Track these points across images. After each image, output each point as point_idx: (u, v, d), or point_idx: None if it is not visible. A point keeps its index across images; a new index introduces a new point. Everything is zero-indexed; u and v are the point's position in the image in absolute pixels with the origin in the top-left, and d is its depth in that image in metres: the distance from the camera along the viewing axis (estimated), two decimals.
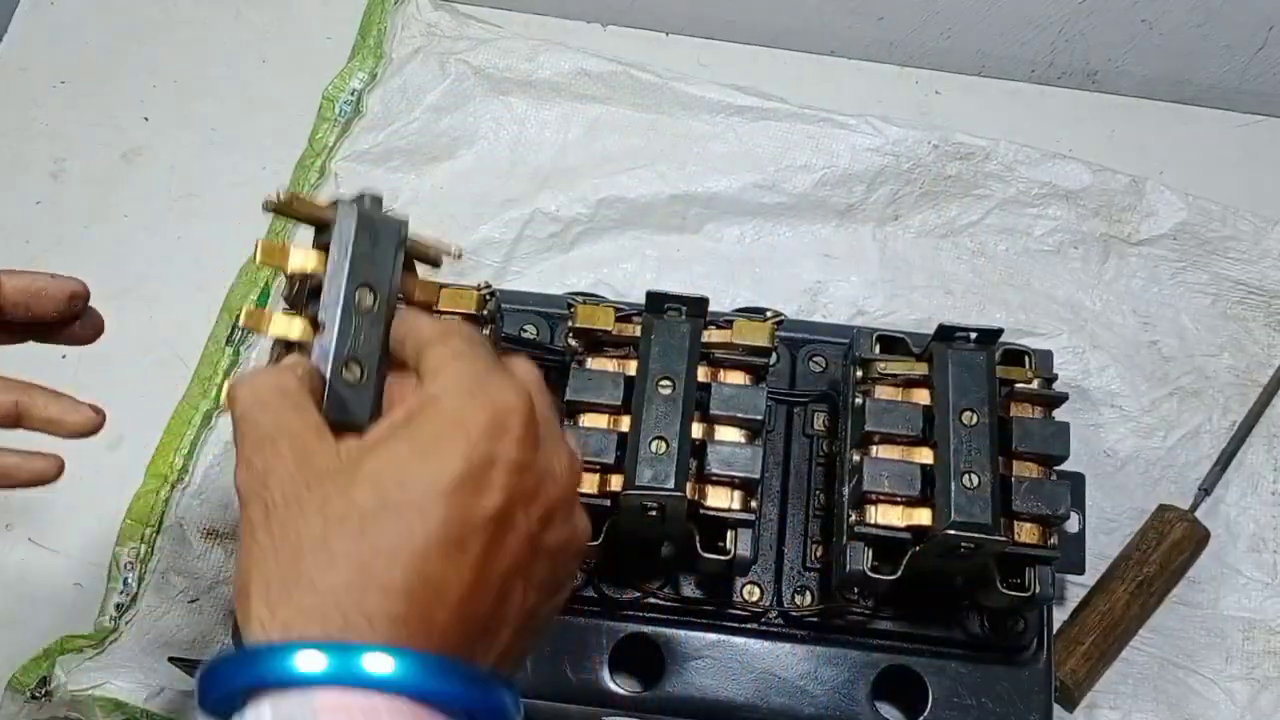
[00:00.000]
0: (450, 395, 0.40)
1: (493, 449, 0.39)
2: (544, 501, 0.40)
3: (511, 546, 0.39)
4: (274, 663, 0.35)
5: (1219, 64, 0.90)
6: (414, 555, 0.37)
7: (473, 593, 0.38)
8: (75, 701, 0.70)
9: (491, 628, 0.39)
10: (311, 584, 0.36)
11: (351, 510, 0.37)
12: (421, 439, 0.39)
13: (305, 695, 0.34)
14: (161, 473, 0.77)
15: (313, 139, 0.87)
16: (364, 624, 0.36)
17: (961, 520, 0.58)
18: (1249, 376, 0.82)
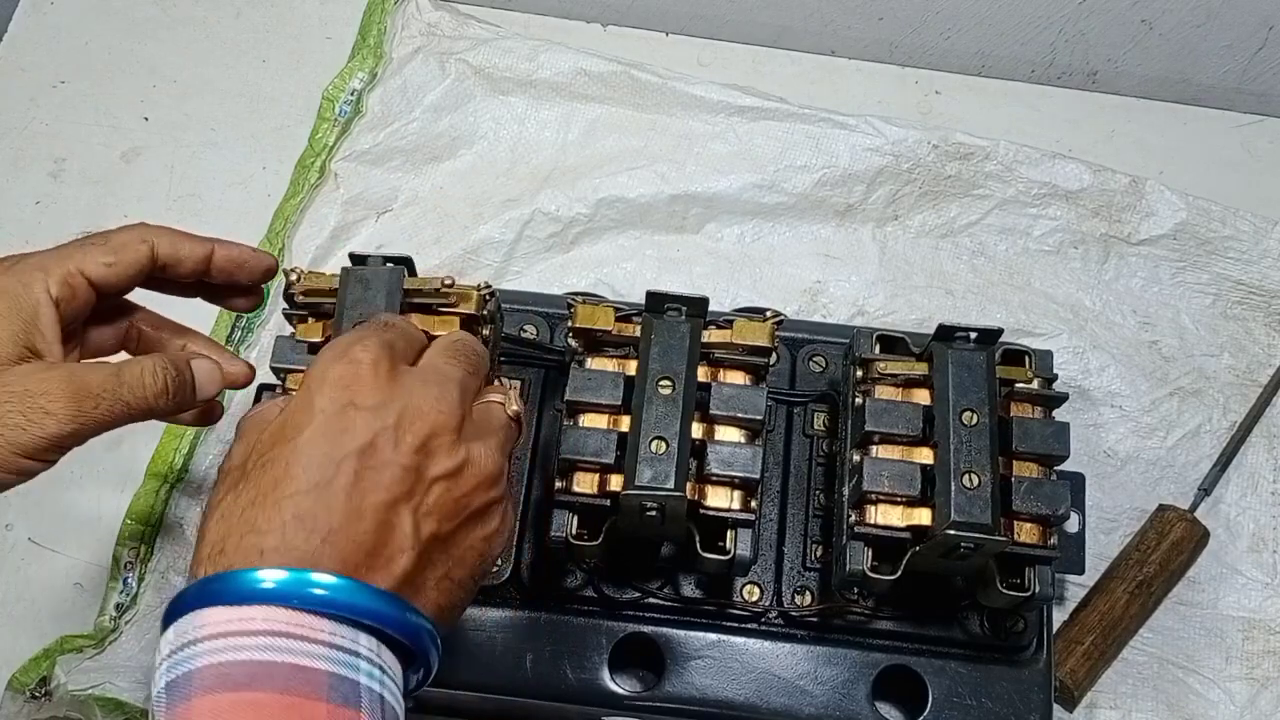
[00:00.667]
0: (313, 367, 0.48)
1: (346, 396, 0.46)
2: (413, 433, 0.46)
3: (383, 479, 0.45)
4: (175, 600, 0.42)
5: (1219, 64, 0.90)
6: (280, 497, 0.43)
7: (343, 524, 0.43)
8: (75, 701, 0.70)
9: (378, 555, 0.44)
10: (204, 538, 0.44)
11: (239, 477, 0.45)
12: (291, 406, 0.47)
13: (194, 614, 0.41)
14: (161, 473, 0.77)
15: (313, 139, 0.87)
16: (241, 559, 0.42)
17: (961, 520, 0.58)
18: (1249, 376, 0.82)
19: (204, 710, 0.40)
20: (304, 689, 0.40)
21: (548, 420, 0.70)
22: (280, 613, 0.41)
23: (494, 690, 0.65)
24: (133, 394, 0.53)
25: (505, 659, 0.65)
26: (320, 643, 0.41)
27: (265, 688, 0.40)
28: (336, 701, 0.41)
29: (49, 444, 0.51)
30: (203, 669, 0.40)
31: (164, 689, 0.41)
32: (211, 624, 0.41)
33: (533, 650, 0.66)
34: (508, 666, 0.65)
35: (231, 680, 0.40)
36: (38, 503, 0.77)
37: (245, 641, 0.41)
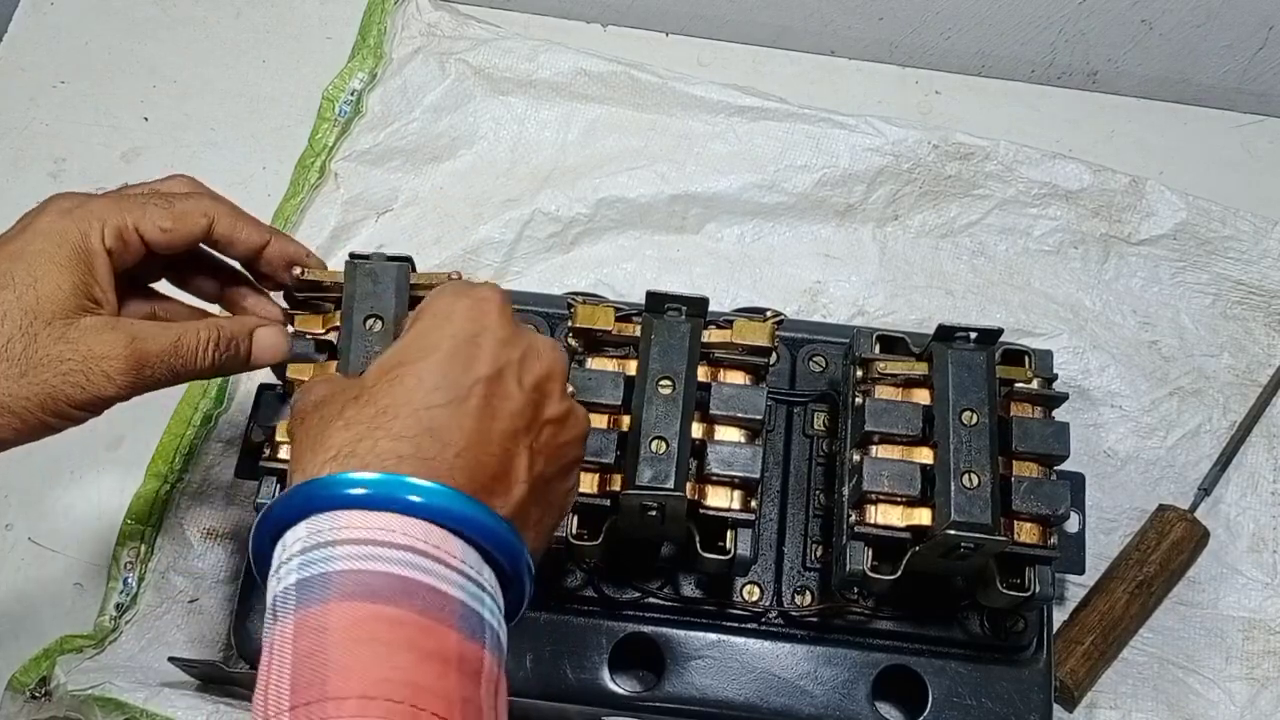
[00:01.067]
0: (434, 300, 0.49)
1: (476, 327, 0.47)
2: (533, 373, 0.48)
3: (508, 409, 0.46)
4: (300, 492, 0.42)
5: (1219, 64, 0.90)
6: (415, 408, 0.44)
7: (473, 443, 0.44)
8: (75, 701, 0.69)
9: (501, 481, 0.45)
10: (323, 443, 0.44)
11: (363, 392, 0.45)
12: (416, 331, 0.48)
13: (332, 515, 0.41)
14: (161, 473, 0.77)
15: (313, 139, 0.87)
16: (376, 463, 0.42)
17: (961, 520, 0.58)
18: (1249, 376, 0.82)
19: (343, 615, 0.39)
20: (440, 614, 0.40)
21: None
22: (419, 528, 0.41)
23: None
24: (185, 365, 0.55)
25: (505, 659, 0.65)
26: (455, 569, 0.42)
27: (406, 605, 0.40)
28: (464, 632, 0.41)
29: (102, 403, 0.53)
30: (343, 573, 0.40)
31: (294, 585, 0.40)
32: (351, 528, 0.41)
33: (533, 650, 0.66)
34: (508, 666, 0.65)
35: (372, 591, 0.40)
36: (38, 503, 0.77)
37: (387, 553, 0.41)
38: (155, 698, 0.69)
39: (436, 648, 0.40)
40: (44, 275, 0.52)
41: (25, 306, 0.51)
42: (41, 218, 0.54)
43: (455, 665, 0.40)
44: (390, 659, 0.39)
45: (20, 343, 0.51)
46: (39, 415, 0.52)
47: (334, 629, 0.39)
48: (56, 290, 0.52)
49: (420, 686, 0.39)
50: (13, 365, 0.51)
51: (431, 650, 0.40)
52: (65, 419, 0.52)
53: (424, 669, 0.39)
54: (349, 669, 0.38)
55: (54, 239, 0.53)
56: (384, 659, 0.39)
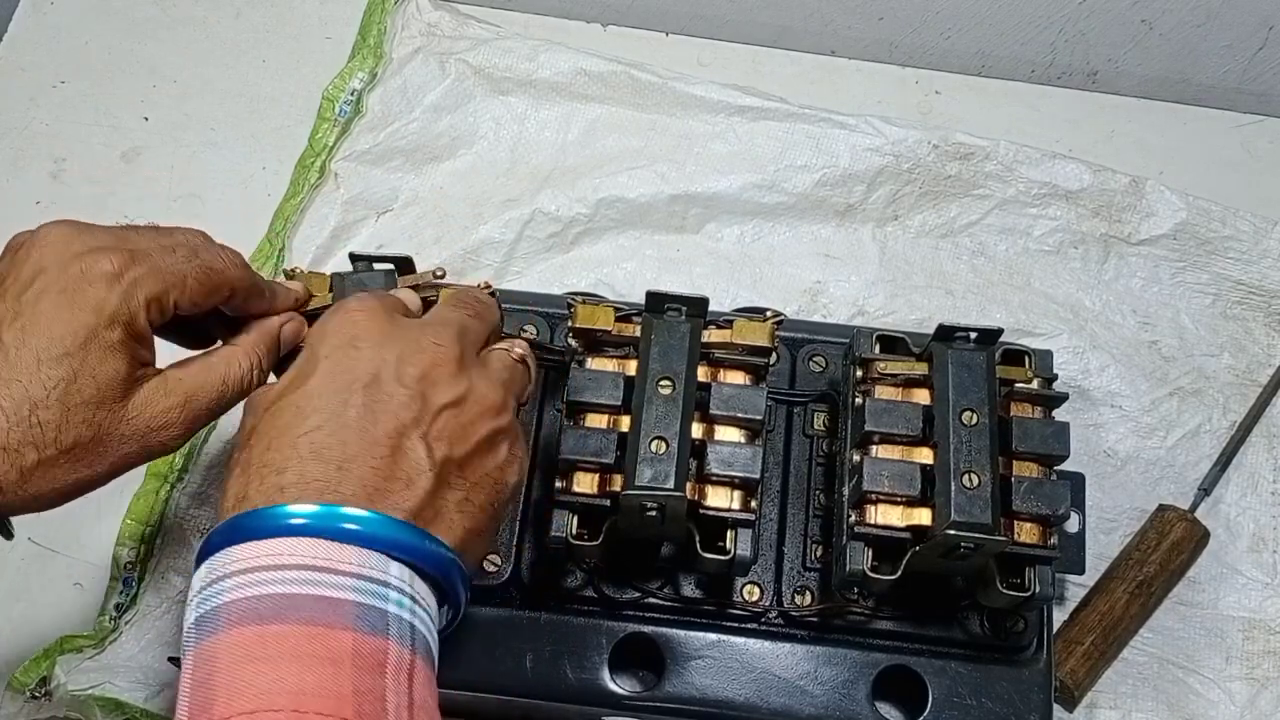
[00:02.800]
0: (311, 330, 0.51)
1: (346, 339, 0.49)
2: (414, 365, 0.49)
3: (390, 408, 0.47)
4: (205, 541, 0.45)
5: (1219, 64, 0.90)
6: (293, 438, 0.45)
7: (358, 453, 0.45)
8: (75, 701, 0.70)
9: (396, 480, 0.46)
10: (226, 494, 0.46)
11: (249, 434, 0.47)
12: (294, 367, 0.49)
13: (225, 551, 0.43)
14: (161, 473, 0.77)
15: (312, 139, 0.87)
16: (263, 500, 0.44)
17: (961, 520, 0.58)
18: (1249, 376, 0.82)
19: (230, 643, 0.41)
20: (329, 619, 0.42)
21: (548, 420, 0.70)
22: (307, 545, 0.43)
23: (494, 690, 0.65)
24: (234, 398, 0.55)
25: (505, 659, 0.65)
26: (346, 574, 0.43)
27: (290, 620, 0.41)
28: (363, 630, 0.42)
29: (164, 449, 0.53)
30: (229, 604, 0.42)
31: (193, 624, 0.43)
32: (240, 559, 0.43)
33: (533, 650, 0.66)
34: (508, 666, 0.65)
35: (257, 614, 0.41)
36: None
37: (272, 575, 0.42)
38: (155, 698, 0.69)
39: (325, 651, 0.41)
40: (101, 363, 0.49)
41: (84, 398, 0.49)
42: (88, 288, 0.49)
43: (349, 663, 0.41)
44: (273, 673, 0.40)
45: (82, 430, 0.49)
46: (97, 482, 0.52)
47: (221, 656, 0.41)
48: (115, 375, 0.50)
49: (303, 692, 0.40)
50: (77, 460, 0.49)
51: (319, 655, 0.41)
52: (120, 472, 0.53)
53: (309, 674, 0.41)
54: (233, 690, 0.40)
55: (105, 317, 0.49)
56: (266, 674, 0.40)
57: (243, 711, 0.39)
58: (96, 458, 0.50)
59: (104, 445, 0.50)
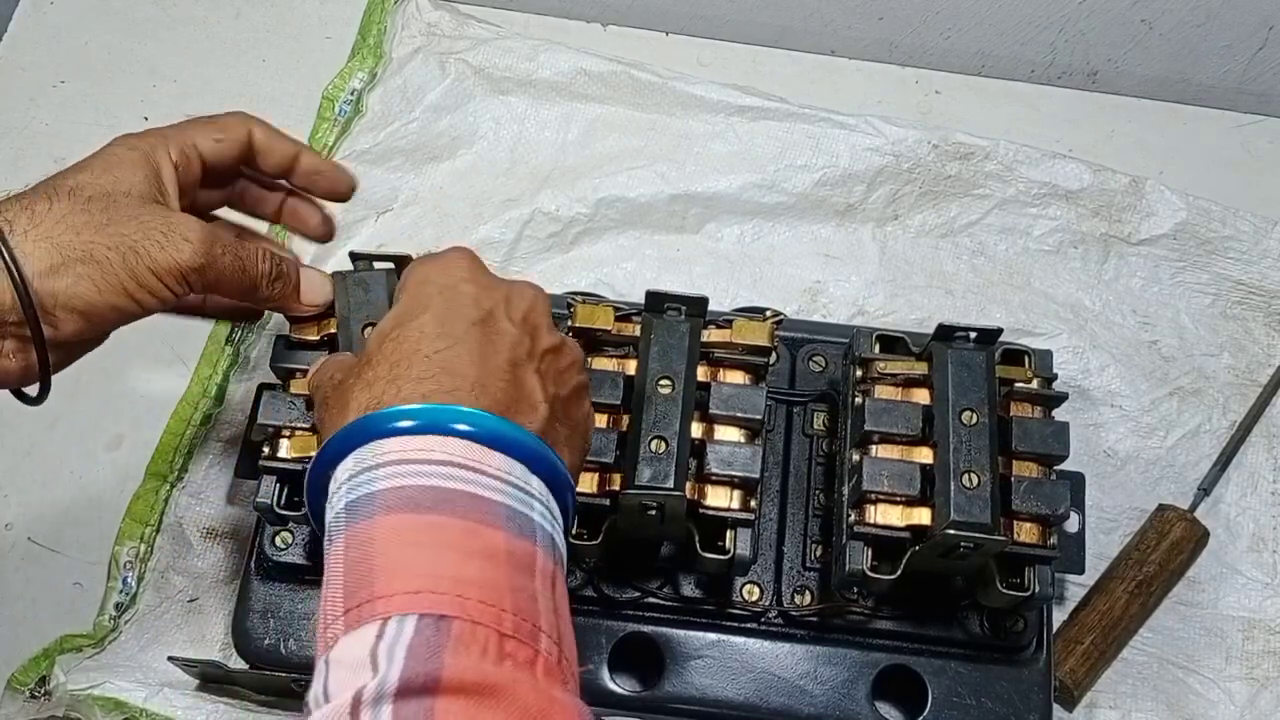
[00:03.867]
0: (413, 270, 0.53)
1: (455, 279, 0.51)
2: (519, 309, 0.51)
3: (506, 342, 0.49)
4: (343, 432, 0.45)
5: (1219, 64, 0.90)
6: (424, 354, 0.47)
7: (486, 374, 0.47)
8: (75, 701, 0.69)
9: (522, 404, 0.48)
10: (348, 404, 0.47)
11: (372, 357, 0.49)
12: (404, 300, 0.51)
13: (374, 444, 0.44)
14: (161, 473, 0.77)
15: (312, 139, 0.87)
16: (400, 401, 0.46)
17: (961, 520, 0.58)
18: (1249, 376, 0.82)
19: (387, 526, 0.42)
20: (484, 516, 0.43)
21: None
22: (458, 444, 0.44)
23: None
24: (248, 265, 0.57)
25: None
26: (496, 477, 0.44)
27: (446, 512, 0.42)
28: (514, 532, 0.43)
29: (180, 271, 0.54)
30: (386, 490, 0.43)
31: (344, 509, 0.44)
32: (391, 451, 0.44)
33: None
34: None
35: (414, 502, 0.43)
36: (38, 503, 0.77)
37: (427, 469, 0.43)
38: (155, 697, 0.69)
39: (481, 546, 0.42)
40: (119, 167, 0.55)
41: (101, 186, 0.54)
42: (110, 144, 0.58)
43: (504, 559, 0.42)
44: (433, 557, 0.41)
45: (100, 203, 0.53)
46: (119, 271, 0.52)
47: (379, 539, 0.42)
48: (130, 178, 0.55)
49: (463, 579, 0.41)
50: (94, 216, 0.52)
51: (476, 549, 0.42)
52: (142, 285, 0.53)
53: (468, 564, 0.42)
54: (393, 570, 0.41)
55: (124, 146, 0.57)
56: (427, 558, 0.41)
57: (407, 590, 0.40)
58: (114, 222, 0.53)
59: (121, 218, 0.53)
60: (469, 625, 0.40)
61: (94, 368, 0.81)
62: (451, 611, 0.40)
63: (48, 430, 0.79)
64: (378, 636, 0.39)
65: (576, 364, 0.53)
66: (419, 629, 0.39)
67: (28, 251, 0.51)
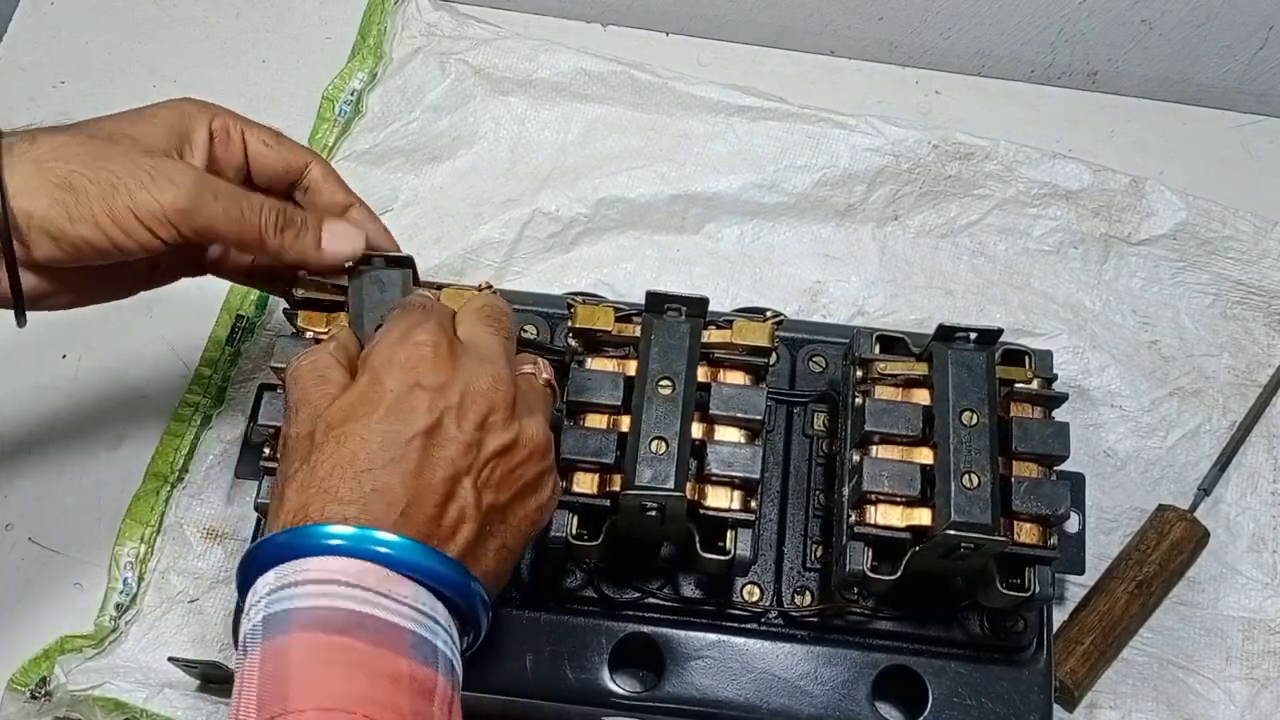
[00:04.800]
0: (377, 348, 0.52)
1: (413, 378, 0.50)
2: (474, 412, 0.50)
3: (447, 456, 0.49)
4: (266, 544, 0.46)
5: (1219, 64, 0.90)
6: (358, 471, 0.47)
7: (416, 497, 0.48)
8: (75, 701, 0.70)
9: (446, 525, 0.48)
10: (283, 503, 0.48)
11: (309, 448, 0.49)
12: (359, 385, 0.50)
13: (298, 561, 0.45)
14: (161, 473, 0.77)
15: (312, 139, 0.87)
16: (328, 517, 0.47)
17: (961, 520, 0.58)
18: (1249, 376, 0.82)
19: (301, 644, 0.44)
20: (391, 643, 0.45)
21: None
22: (374, 570, 0.46)
23: (494, 690, 0.65)
24: (248, 210, 0.56)
25: (505, 659, 0.65)
26: (406, 605, 0.46)
27: (358, 635, 0.44)
28: (417, 659, 0.45)
29: (160, 213, 0.53)
30: (302, 609, 0.44)
31: (261, 623, 0.45)
32: (312, 569, 0.45)
33: (533, 650, 0.66)
34: (508, 666, 0.65)
35: (328, 624, 0.44)
36: (38, 503, 0.77)
37: (343, 591, 0.45)
38: (155, 698, 0.69)
39: (389, 670, 0.44)
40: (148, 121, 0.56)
41: (118, 129, 0.55)
42: (161, 102, 0.59)
43: (407, 685, 0.44)
44: (345, 677, 0.43)
45: (104, 142, 0.53)
46: (94, 203, 0.52)
47: (294, 655, 0.43)
48: (153, 131, 0.56)
49: (373, 700, 0.43)
50: (89, 150, 0.53)
51: (385, 671, 0.44)
52: (117, 222, 0.52)
53: (377, 686, 0.43)
54: (307, 686, 0.43)
55: (166, 106, 0.58)
56: (339, 677, 0.43)
57: (320, 706, 0.42)
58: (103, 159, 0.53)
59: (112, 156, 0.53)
60: None
61: (94, 368, 0.81)
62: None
63: (48, 430, 0.79)
64: None
65: (533, 455, 0.52)
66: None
67: (14, 170, 0.51)
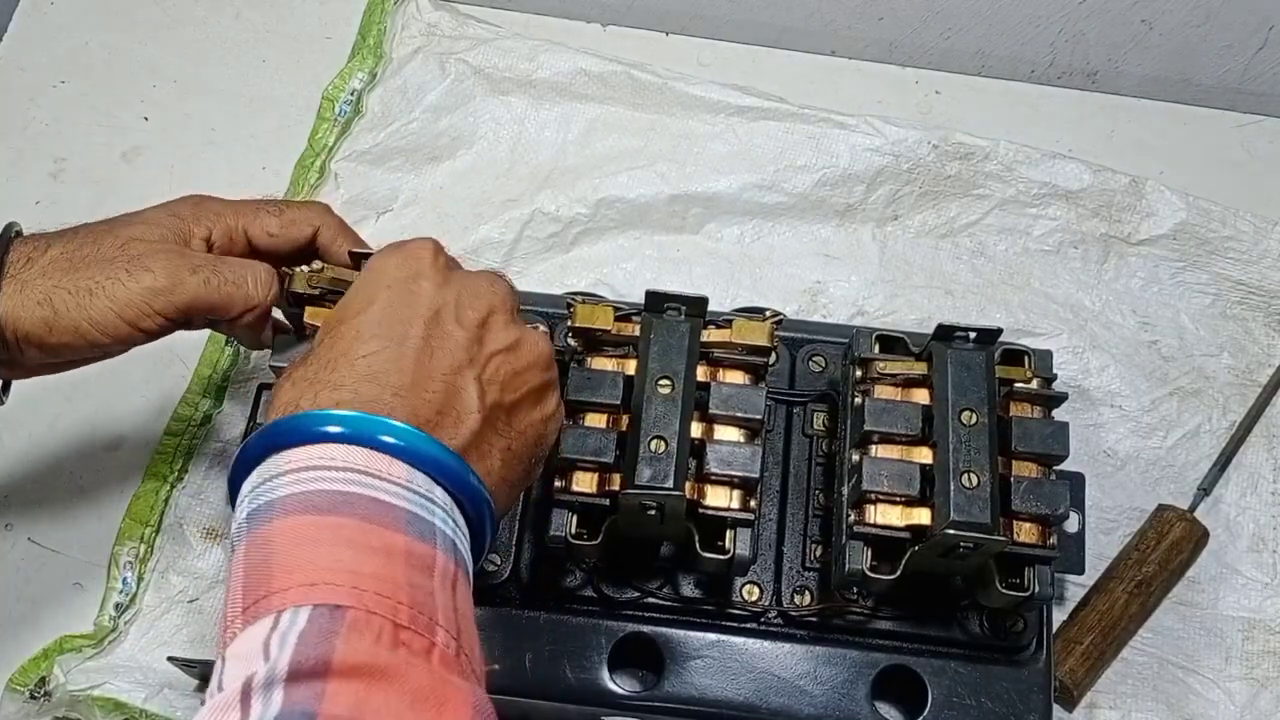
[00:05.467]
0: (373, 258, 0.52)
1: (409, 274, 0.50)
2: (473, 310, 0.50)
3: (447, 346, 0.48)
4: (248, 445, 0.46)
5: (1219, 64, 0.90)
6: (352, 359, 0.47)
7: (413, 382, 0.47)
8: (75, 701, 0.70)
9: (447, 415, 0.47)
10: (276, 401, 0.47)
11: (310, 353, 0.49)
12: (354, 288, 0.51)
13: (277, 455, 0.44)
14: (161, 473, 0.77)
15: (312, 139, 0.87)
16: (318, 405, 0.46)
17: (961, 520, 0.58)
18: (1249, 376, 0.82)
19: (286, 528, 0.42)
20: (382, 519, 0.43)
21: None
22: (359, 452, 0.44)
23: (493, 690, 0.64)
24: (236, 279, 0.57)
25: (505, 659, 0.65)
26: (397, 484, 0.44)
27: (345, 513, 0.42)
28: (413, 535, 0.43)
29: (142, 299, 0.55)
30: (285, 497, 0.43)
31: (245, 519, 0.44)
32: (293, 461, 0.44)
33: (532, 650, 0.66)
34: (507, 666, 0.65)
35: (313, 506, 0.43)
36: (38, 503, 0.77)
37: (328, 474, 0.43)
38: (155, 698, 0.69)
39: (381, 544, 0.42)
40: (146, 223, 0.58)
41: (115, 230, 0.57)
42: (163, 204, 0.60)
43: (402, 558, 0.42)
44: (331, 554, 0.41)
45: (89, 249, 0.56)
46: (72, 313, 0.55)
47: (277, 540, 0.42)
48: (145, 230, 0.58)
49: (361, 573, 0.41)
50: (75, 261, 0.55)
51: (375, 546, 0.42)
52: (99, 328, 0.55)
53: (366, 559, 0.42)
54: (291, 566, 0.41)
55: (166, 211, 0.59)
56: (324, 555, 0.41)
57: (303, 583, 0.40)
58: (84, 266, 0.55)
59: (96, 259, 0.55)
60: (363, 614, 0.40)
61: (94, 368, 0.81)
62: (346, 602, 0.40)
63: (48, 430, 0.79)
64: (271, 628, 0.40)
65: (535, 364, 0.52)
66: (312, 618, 0.39)
67: (3, 293, 0.54)
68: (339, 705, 0.37)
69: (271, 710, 0.37)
